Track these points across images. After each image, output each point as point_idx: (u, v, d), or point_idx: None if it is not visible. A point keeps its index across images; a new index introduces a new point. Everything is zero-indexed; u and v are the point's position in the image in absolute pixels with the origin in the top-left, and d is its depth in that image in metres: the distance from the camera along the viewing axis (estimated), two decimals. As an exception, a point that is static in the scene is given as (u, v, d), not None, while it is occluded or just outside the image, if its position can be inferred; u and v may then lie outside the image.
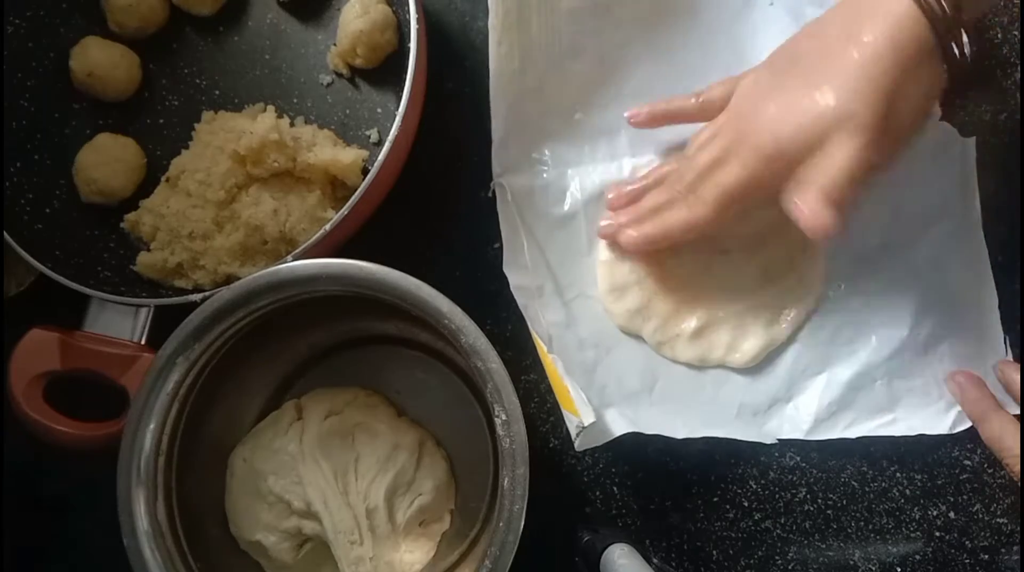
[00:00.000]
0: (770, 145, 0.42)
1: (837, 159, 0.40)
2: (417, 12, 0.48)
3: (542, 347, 0.48)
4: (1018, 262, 0.52)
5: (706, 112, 0.48)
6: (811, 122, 0.41)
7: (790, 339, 0.51)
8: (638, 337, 0.52)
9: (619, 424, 0.47)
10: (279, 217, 0.50)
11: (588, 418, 0.44)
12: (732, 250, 0.51)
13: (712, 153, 0.45)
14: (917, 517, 0.51)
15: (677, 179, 0.48)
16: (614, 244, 0.51)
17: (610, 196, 0.51)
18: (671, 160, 0.51)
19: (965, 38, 0.40)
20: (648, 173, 0.51)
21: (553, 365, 0.47)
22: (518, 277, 0.50)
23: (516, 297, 0.49)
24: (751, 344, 0.50)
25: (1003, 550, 0.50)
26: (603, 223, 0.51)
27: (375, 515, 0.48)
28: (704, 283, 0.51)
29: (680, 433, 0.48)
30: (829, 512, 0.51)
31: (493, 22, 0.50)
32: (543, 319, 0.50)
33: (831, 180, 0.40)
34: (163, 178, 0.52)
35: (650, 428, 0.48)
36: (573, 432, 0.45)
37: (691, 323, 0.51)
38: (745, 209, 0.46)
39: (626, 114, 0.51)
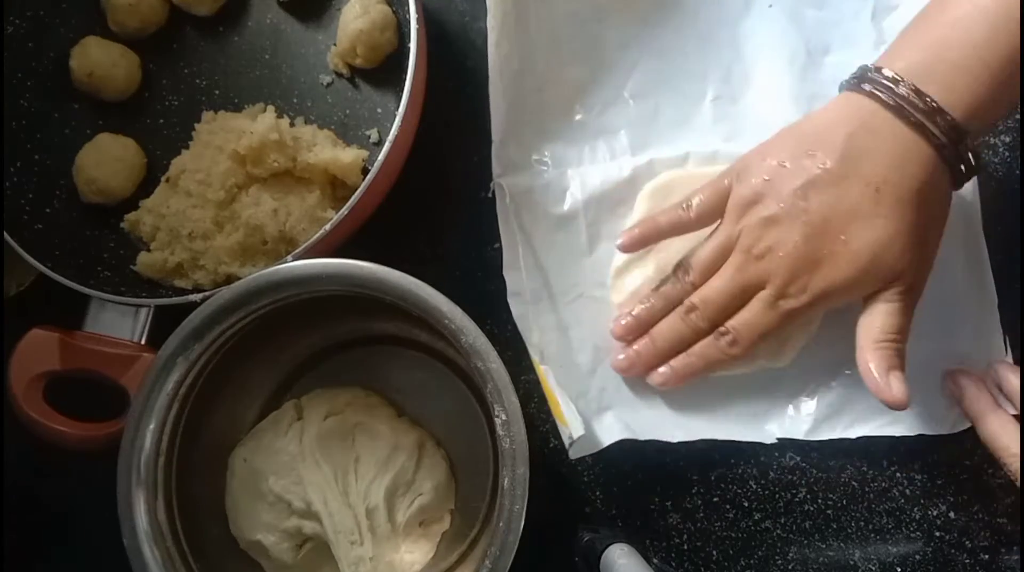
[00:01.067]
0: (810, 296, 0.44)
1: (895, 319, 0.43)
2: (417, 12, 0.48)
3: (535, 357, 0.49)
4: (1018, 262, 0.52)
5: (703, 221, 0.47)
6: (857, 282, 0.43)
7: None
8: None
9: (613, 431, 0.48)
10: (279, 217, 0.50)
11: (577, 431, 0.45)
12: None
13: (729, 285, 0.45)
14: (917, 517, 0.51)
15: (692, 309, 0.47)
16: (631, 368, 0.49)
17: (622, 322, 0.49)
18: (663, 270, 0.50)
19: (970, 154, 0.43)
20: (647, 296, 0.49)
21: (545, 376, 0.48)
22: (516, 283, 0.50)
23: (512, 307, 0.50)
24: (791, 345, 0.50)
25: (1003, 550, 0.50)
26: (618, 357, 0.49)
27: (375, 515, 0.48)
28: None
29: (676, 437, 0.48)
30: (829, 512, 0.51)
31: (491, 23, 0.50)
32: (538, 328, 0.50)
33: (896, 336, 0.43)
34: (163, 178, 0.53)
35: (646, 432, 0.48)
36: (566, 442, 0.46)
37: None
38: None
39: (618, 243, 0.49)
